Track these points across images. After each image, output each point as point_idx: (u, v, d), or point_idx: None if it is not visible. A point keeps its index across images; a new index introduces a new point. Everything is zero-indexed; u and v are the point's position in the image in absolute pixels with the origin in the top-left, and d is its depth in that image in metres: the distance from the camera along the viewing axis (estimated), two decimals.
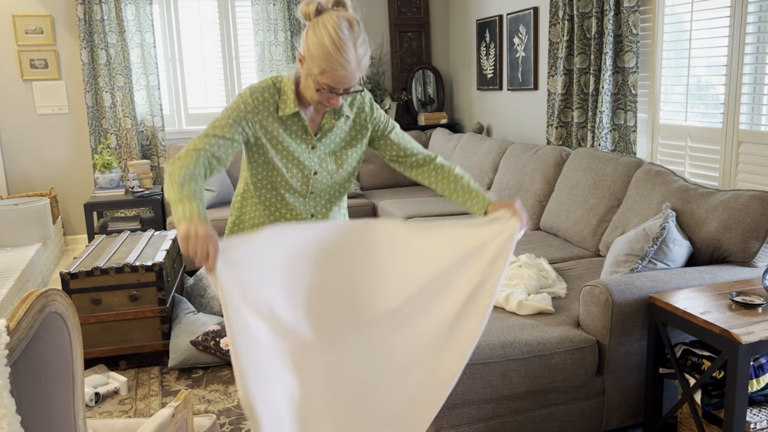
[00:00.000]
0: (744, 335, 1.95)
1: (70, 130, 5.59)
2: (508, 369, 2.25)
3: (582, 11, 3.89)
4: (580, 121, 4.00)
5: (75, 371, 1.35)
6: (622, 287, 2.34)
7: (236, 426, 2.67)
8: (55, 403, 1.27)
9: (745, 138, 3.04)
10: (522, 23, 4.85)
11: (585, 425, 2.43)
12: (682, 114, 3.44)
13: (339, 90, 1.67)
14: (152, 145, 5.65)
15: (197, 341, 3.19)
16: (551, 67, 4.26)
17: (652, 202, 2.91)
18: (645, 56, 3.66)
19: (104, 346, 3.21)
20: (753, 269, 2.49)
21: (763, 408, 2.18)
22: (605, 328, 2.33)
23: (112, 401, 2.94)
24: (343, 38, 1.61)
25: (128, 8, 5.36)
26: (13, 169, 5.51)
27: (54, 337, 1.27)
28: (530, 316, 2.49)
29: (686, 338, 2.41)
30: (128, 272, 3.18)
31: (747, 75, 3.00)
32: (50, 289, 1.27)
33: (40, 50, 5.38)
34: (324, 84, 1.66)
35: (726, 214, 2.54)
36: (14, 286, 3.70)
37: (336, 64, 1.62)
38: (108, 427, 1.82)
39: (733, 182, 3.11)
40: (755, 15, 2.93)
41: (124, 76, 5.45)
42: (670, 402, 2.48)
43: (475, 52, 5.76)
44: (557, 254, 3.31)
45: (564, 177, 3.71)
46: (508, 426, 2.33)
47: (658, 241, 2.50)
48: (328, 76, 1.64)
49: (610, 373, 2.40)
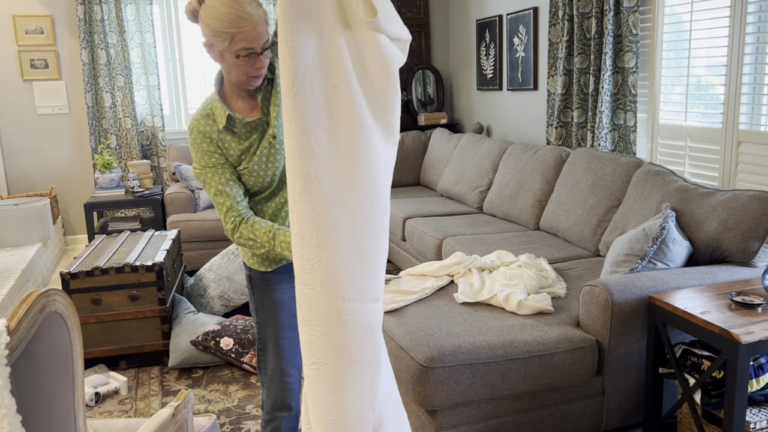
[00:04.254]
0: (744, 335, 1.96)
1: (71, 130, 5.59)
2: (508, 369, 2.25)
3: (582, 11, 3.89)
4: (580, 121, 4.00)
5: (75, 371, 1.35)
6: (621, 287, 2.34)
7: (236, 426, 2.67)
8: (56, 402, 1.27)
9: (744, 138, 3.04)
10: (522, 23, 4.86)
11: (585, 425, 2.43)
12: (682, 114, 3.44)
13: (257, 49, 1.65)
14: (152, 145, 5.65)
15: (197, 341, 3.19)
16: (551, 67, 4.26)
17: (652, 202, 2.92)
18: (645, 56, 3.66)
19: (104, 346, 3.21)
20: (753, 269, 2.49)
21: (763, 408, 2.18)
22: (605, 328, 2.34)
23: (112, 401, 2.94)
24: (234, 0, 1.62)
25: (128, 8, 5.36)
26: (13, 169, 5.52)
27: (54, 337, 1.27)
28: (530, 316, 2.49)
29: (686, 338, 2.42)
30: (128, 272, 3.18)
31: (747, 75, 3.00)
32: (50, 289, 1.27)
33: (40, 50, 5.39)
34: (240, 50, 1.63)
35: (726, 214, 2.54)
36: (14, 286, 3.70)
37: (240, 21, 1.60)
38: (108, 426, 1.83)
39: (733, 182, 3.11)
40: (755, 15, 2.94)
41: (124, 76, 5.45)
42: (669, 402, 2.48)
43: (474, 52, 5.77)
44: (557, 254, 3.31)
45: (564, 177, 3.71)
46: (508, 426, 2.33)
47: (657, 241, 2.51)
48: (239, 38, 1.62)
49: (610, 372, 2.40)
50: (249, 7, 1.62)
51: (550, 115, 4.33)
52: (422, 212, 4.46)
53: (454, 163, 5.04)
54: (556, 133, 4.21)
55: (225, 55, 1.67)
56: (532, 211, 3.92)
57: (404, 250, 4.47)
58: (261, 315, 1.93)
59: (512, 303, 2.53)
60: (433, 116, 6.05)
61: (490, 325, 2.39)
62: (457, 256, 3.02)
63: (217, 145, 1.77)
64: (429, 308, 2.57)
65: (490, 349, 2.24)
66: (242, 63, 1.67)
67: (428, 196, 5.14)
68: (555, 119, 4.20)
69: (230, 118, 1.76)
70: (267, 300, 1.91)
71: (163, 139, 5.61)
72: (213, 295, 3.72)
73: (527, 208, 3.96)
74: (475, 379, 2.22)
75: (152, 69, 5.51)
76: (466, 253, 3.43)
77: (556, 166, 3.88)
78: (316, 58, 1.40)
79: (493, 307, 2.60)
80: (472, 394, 2.23)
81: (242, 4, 1.61)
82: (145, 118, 5.60)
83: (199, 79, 5.82)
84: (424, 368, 2.18)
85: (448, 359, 2.19)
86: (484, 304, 2.63)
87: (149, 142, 5.65)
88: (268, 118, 1.81)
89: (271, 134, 1.79)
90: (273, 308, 1.91)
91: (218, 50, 1.67)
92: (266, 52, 1.69)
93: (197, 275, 3.93)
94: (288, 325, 1.92)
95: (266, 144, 1.79)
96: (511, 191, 4.15)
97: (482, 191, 4.55)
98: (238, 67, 1.68)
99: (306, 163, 1.40)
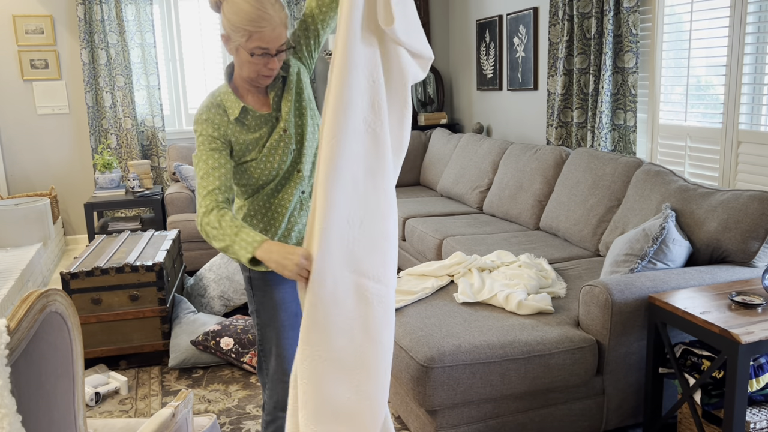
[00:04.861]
0: (744, 335, 1.96)
1: (71, 130, 5.59)
2: (508, 369, 2.25)
3: (582, 11, 3.89)
4: (580, 121, 4.00)
5: (75, 371, 1.35)
6: (621, 287, 2.34)
7: (236, 426, 2.67)
8: (56, 402, 1.27)
9: (744, 138, 3.04)
10: (522, 23, 4.86)
11: (585, 425, 2.43)
12: (682, 114, 3.44)
13: (272, 50, 1.68)
14: (152, 145, 5.65)
15: (197, 341, 3.19)
16: (551, 67, 4.26)
17: (652, 202, 2.92)
18: (645, 56, 3.66)
19: (104, 346, 3.21)
20: (753, 269, 2.49)
21: (763, 408, 2.18)
22: (605, 327, 2.34)
23: (112, 401, 2.94)
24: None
25: (128, 8, 5.37)
26: (13, 169, 5.52)
27: (54, 337, 1.27)
28: (530, 316, 2.49)
29: (686, 338, 2.42)
30: (128, 272, 3.19)
31: (747, 75, 3.00)
32: (50, 289, 1.27)
33: (40, 50, 5.39)
34: (255, 48, 1.66)
35: (726, 214, 2.54)
36: (14, 286, 3.70)
37: (261, 21, 1.64)
38: (108, 426, 1.83)
39: (733, 182, 3.11)
40: (755, 15, 2.94)
41: (124, 76, 5.45)
42: (669, 402, 2.48)
43: (475, 52, 5.77)
44: (557, 254, 3.31)
45: (564, 177, 3.71)
46: (508, 426, 2.33)
47: (657, 241, 2.51)
48: (258, 37, 1.65)
49: (610, 372, 2.40)
50: (271, 9, 1.65)
51: (550, 115, 4.33)
52: (422, 212, 4.46)
53: (454, 163, 5.04)
54: (556, 133, 4.21)
55: (240, 51, 1.70)
56: (532, 211, 3.92)
57: (404, 250, 4.47)
58: (262, 316, 1.93)
59: (512, 303, 2.53)
60: (433, 116, 6.05)
61: (490, 325, 2.40)
62: (457, 256, 3.03)
63: (223, 133, 1.78)
64: (429, 308, 2.57)
65: (490, 349, 2.25)
66: (256, 61, 1.70)
67: (428, 196, 5.14)
68: (555, 119, 4.20)
69: (244, 109, 1.79)
70: (267, 300, 1.91)
71: (163, 139, 5.61)
72: (213, 295, 3.72)
73: (527, 208, 3.96)
74: (475, 379, 2.22)
75: (152, 69, 5.51)
76: (466, 253, 3.43)
77: (556, 166, 3.88)
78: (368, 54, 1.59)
79: (493, 307, 2.60)
80: (472, 394, 2.23)
81: (265, 5, 1.65)
82: (145, 118, 5.61)
83: (199, 79, 5.82)
84: (424, 368, 2.18)
85: (448, 359, 2.19)
86: (484, 304, 2.63)
87: (149, 142, 5.65)
88: (279, 114, 1.84)
89: (282, 127, 1.82)
90: (274, 308, 1.91)
91: (234, 44, 1.71)
92: (281, 54, 1.72)
93: (197, 275, 3.93)
94: (289, 325, 1.92)
95: (276, 137, 1.82)
96: (511, 191, 4.15)
97: (482, 191, 4.55)
98: (250, 65, 1.71)
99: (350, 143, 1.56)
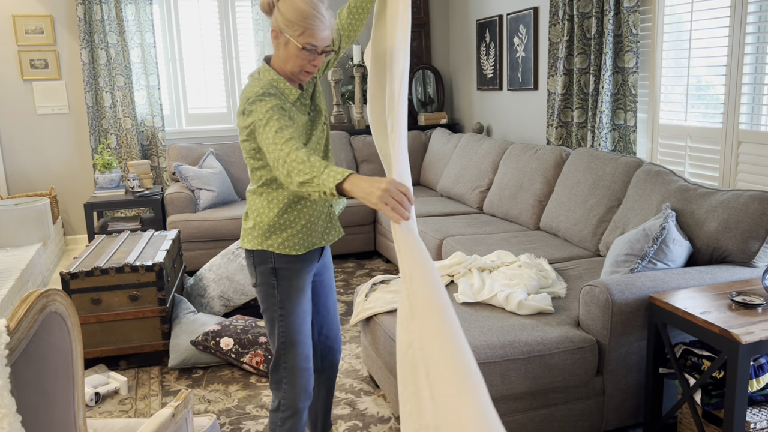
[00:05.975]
0: (744, 335, 1.96)
1: (70, 130, 5.59)
2: (508, 369, 2.25)
3: (582, 11, 3.89)
4: (580, 121, 4.00)
5: (75, 371, 1.35)
6: (622, 287, 2.34)
7: (236, 426, 2.67)
8: (55, 402, 1.27)
9: (744, 138, 3.04)
10: (522, 23, 4.86)
11: (585, 425, 2.43)
12: (682, 114, 3.44)
13: (319, 48, 1.83)
14: (152, 145, 5.65)
15: (197, 341, 3.19)
16: (551, 67, 4.26)
17: (652, 202, 2.92)
18: (645, 56, 3.66)
19: (104, 346, 3.21)
20: (753, 269, 2.49)
21: (763, 408, 2.18)
22: (605, 328, 2.34)
23: (112, 401, 2.94)
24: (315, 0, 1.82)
25: (128, 8, 5.36)
26: (13, 169, 5.52)
27: (54, 337, 1.27)
28: (530, 316, 2.49)
29: (686, 338, 2.42)
30: (128, 272, 3.18)
31: (747, 75, 3.00)
32: (50, 289, 1.27)
33: (40, 50, 5.39)
34: (306, 42, 1.81)
35: (726, 214, 2.54)
36: (14, 286, 3.70)
37: (315, 20, 1.80)
38: (108, 427, 1.82)
39: (733, 182, 3.11)
40: (755, 15, 2.93)
41: (124, 76, 5.45)
42: (670, 402, 2.48)
43: (475, 52, 5.77)
44: (557, 254, 3.31)
45: (564, 177, 3.71)
46: (508, 426, 2.33)
47: (657, 241, 2.51)
48: (309, 34, 1.80)
49: (610, 373, 2.40)
50: (324, 12, 1.83)
51: (550, 115, 4.33)
52: (422, 212, 4.46)
53: (454, 163, 5.04)
54: (556, 133, 4.21)
55: (290, 45, 1.83)
56: (532, 211, 3.92)
57: None
58: (286, 305, 1.95)
59: (512, 303, 2.53)
60: (433, 116, 6.05)
61: (490, 325, 2.39)
62: (457, 256, 3.02)
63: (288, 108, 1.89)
64: None
65: (490, 349, 2.24)
66: (303, 56, 1.83)
67: (428, 196, 5.14)
68: (555, 119, 4.20)
69: (301, 94, 1.94)
70: (293, 288, 1.95)
71: (163, 139, 5.61)
72: (213, 295, 3.72)
73: (527, 208, 3.96)
74: None
75: (152, 69, 5.51)
76: (466, 253, 3.43)
77: (556, 166, 3.88)
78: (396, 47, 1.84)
79: (493, 307, 2.60)
80: None
81: (319, 7, 1.82)
82: (145, 118, 5.60)
83: (199, 79, 5.82)
84: None
85: None
86: (484, 304, 2.63)
87: (149, 142, 5.65)
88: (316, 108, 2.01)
89: (324, 121, 2.01)
90: (298, 294, 1.96)
91: (285, 39, 1.83)
92: (324, 55, 1.87)
93: (197, 275, 3.93)
94: (309, 310, 2.01)
95: (320, 126, 1.99)
96: (511, 191, 4.15)
97: (482, 191, 4.55)
98: (297, 59, 1.84)
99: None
